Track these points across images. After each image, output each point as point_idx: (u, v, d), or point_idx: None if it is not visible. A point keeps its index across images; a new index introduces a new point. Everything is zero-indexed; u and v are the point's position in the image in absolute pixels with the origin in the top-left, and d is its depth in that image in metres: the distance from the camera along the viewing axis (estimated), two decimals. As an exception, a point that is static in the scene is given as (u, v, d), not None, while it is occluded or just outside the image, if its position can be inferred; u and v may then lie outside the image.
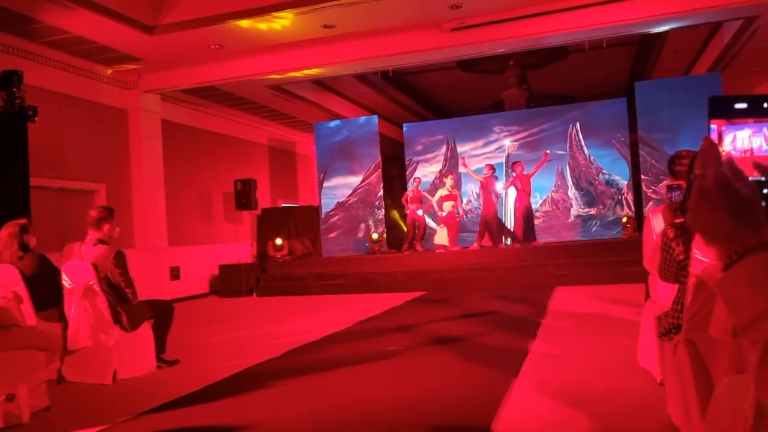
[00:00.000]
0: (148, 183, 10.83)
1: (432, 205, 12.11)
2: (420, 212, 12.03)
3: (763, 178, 0.81)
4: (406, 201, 12.07)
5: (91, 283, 4.75)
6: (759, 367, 0.70)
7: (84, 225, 4.99)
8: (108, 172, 10.23)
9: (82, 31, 8.39)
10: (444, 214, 11.82)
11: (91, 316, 4.78)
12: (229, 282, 11.59)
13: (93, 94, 10.01)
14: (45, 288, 4.81)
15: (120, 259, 4.87)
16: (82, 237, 5.00)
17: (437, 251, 11.88)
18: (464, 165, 12.77)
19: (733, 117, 0.82)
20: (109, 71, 10.11)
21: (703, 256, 2.39)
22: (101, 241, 4.90)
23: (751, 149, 0.83)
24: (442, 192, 11.95)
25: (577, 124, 13.08)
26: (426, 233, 12.35)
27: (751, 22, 8.96)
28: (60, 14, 7.75)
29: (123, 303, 4.89)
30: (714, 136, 0.83)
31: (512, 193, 12.12)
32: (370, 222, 12.95)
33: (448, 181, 11.98)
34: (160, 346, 5.20)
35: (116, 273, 4.83)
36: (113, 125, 10.46)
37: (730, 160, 0.78)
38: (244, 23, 8.50)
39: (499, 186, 12.29)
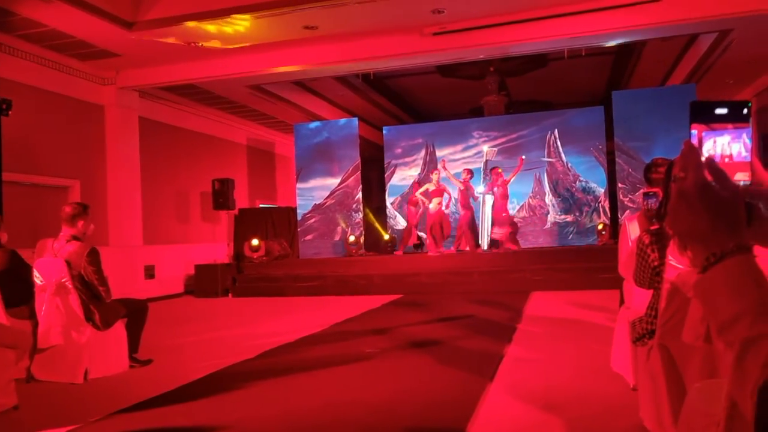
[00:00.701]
0: (124, 180, 10.69)
1: (452, 200, 11.91)
2: (444, 208, 11.79)
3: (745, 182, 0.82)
4: (426, 195, 11.82)
5: (63, 280, 4.67)
6: (735, 368, 0.71)
7: (57, 221, 4.91)
8: (83, 169, 10.07)
9: (60, 25, 8.25)
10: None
11: (62, 314, 4.69)
12: (205, 282, 11.48)
13: (69, 89, 9.85)
14: (15, 284, 4.72)
15: (94, 257, 4.80)
16: (55, 233, 4.92)
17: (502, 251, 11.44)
18: (444, 169, 12.81)
19: (713, 122, 0.83)
20: (87, 66, 9.96)
21: (677, 263, 2.43)
22: (75, 238, 4.82)
23: (731, 155, 0.85)
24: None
25: (556, 131, 13.21)
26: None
27: (726, 35, 9.14)
28: (37, 7, 7.61)
29: (96, 301, 4.82)
30: (694, 142, 0.84)
31: (489, 198, 12.19)
32: (342, 223, 12.88)
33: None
34: (133, 345, 5.13)
35: (90, 270, 4.75)
36: (89, 121, 10.31)
37: (712, 161, 0.79)
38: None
39: (477, 190, 12.34)
